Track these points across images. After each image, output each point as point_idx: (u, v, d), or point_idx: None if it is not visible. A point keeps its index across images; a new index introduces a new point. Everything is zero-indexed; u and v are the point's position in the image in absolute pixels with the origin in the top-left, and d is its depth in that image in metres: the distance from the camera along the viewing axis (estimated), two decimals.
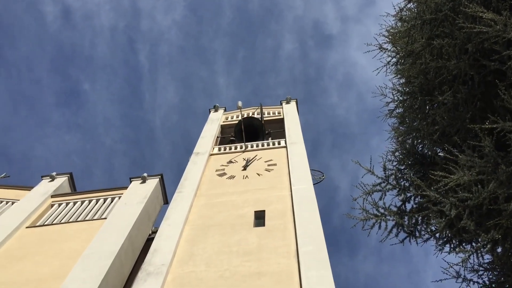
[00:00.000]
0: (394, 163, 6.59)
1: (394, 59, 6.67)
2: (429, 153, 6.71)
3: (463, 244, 5.21)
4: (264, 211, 11.05)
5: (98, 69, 53.51)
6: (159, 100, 55.66)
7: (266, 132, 18.05)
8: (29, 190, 14.13)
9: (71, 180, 14.93)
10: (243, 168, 13.97)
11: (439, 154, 6.53)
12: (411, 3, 6.36)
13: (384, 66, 6.76)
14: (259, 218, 10.84)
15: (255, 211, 11.09)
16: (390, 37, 6.60)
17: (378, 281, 40.25)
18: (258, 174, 13.33)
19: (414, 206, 5.74)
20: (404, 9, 6.50)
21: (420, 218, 5.54)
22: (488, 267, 5.19)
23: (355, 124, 51.89)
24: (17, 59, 48.98)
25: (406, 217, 5.62)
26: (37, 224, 12.33)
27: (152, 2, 53.99)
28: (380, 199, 5.89)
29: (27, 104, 49.86)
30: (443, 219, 4.79)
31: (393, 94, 7.09)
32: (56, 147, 48.84)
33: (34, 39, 49.47)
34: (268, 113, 19.61)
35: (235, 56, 58.91)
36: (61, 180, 14.58)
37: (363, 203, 5.79)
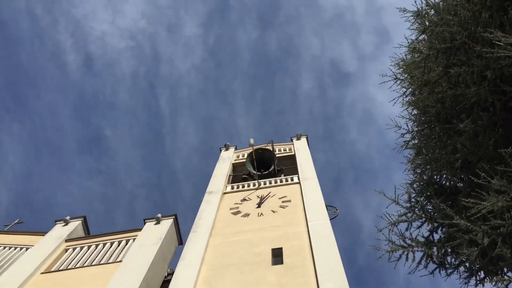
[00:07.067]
0: (413, 195, 6.49)
1: (410, 89, 6.67)
2: (448, 183, 6.61)
3: (500, 272, 5.04)
4: (281, 248, 10.89)
5: (119, 114, 54.38)
6: (180, 143, 56.03)
7: (279, 168, 18.00)
8: (43, 235, 14.05)
9: (85, 223, 14.86)
10: (257, 205, 13.87)
11: (458, 184, 6.44)
12: (424, 35, 6.41)
13: (400, 96, 6.75)
14: (277, 255, 10.66)
15: (272, 249, 10.93)
16: (405, 67, 6.63)
17: None
18: (273, 211, 13.20)
19: (442, 236, 5.61)
20: (417, 40, 6.55)
21: (449, 248, 5.40)
22: None
23: (376, 159, 51.38)
24: (40, 107, 49.90)
25: (435, 248, 5.48)
26: (52, 269, 12.20)
27: (172, 47, 55.17)
28: (407, 229, 5.77)
29: (49, 151, 50.43)
30: (476, 248, 4.67)
31: (407, 125, 7.07)
32: (78, 193, 48.96)
33: (57, 87, 50.71)
34: (279, 150, 19.63)
35: (254, 96, 59.61)
36: (75, 224, 14.51)
37: (388, 234, 5.67)
